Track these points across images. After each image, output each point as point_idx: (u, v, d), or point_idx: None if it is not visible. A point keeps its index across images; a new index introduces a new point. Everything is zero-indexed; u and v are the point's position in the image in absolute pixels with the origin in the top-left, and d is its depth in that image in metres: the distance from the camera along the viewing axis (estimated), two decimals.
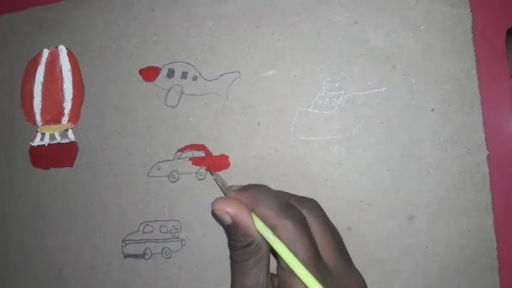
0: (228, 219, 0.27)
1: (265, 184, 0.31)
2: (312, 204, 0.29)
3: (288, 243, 0.25)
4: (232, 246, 0.28)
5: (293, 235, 0.25)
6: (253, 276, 0.27)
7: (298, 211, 0.27)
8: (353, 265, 0.30)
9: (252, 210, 0.27)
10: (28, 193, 0.41)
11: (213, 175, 0.33)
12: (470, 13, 0.33)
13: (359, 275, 0.30)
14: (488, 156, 0.33)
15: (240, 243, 0.27)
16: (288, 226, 0.26)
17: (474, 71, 0.33)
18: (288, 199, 0.28)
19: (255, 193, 0.27)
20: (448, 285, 0.33)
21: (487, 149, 0.33)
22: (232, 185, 0.29)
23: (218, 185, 0.32)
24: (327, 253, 0.27)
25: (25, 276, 0.41)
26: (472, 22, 0.33)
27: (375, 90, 0.34)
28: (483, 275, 0.33)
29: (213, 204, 0.27)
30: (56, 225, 0.40)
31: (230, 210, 0.27)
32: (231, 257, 0.28)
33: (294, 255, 0.25)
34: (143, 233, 0.38)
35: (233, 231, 0.27)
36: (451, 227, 0.33)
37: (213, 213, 0.28)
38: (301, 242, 0.25)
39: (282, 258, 0.26)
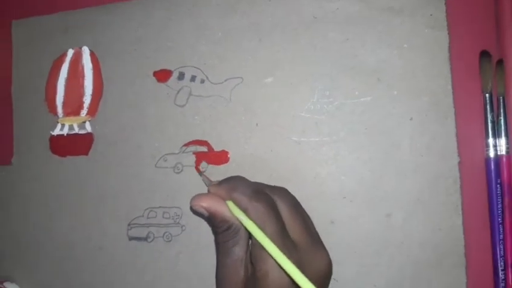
0: (204, 212, 0.31)
1: (260, 179, 0.35)
2: (283, 192, 0.33)
3: (257, 222, 0.29)
4: (214, 232, 0.31)
5: (262, 214, 0.29)
6: (233, 254, 0.30)
7: (268, 196, 0.31)
8: (321, 244, 0.33)
9: (229, 197, 0.31)
10: (46, 177, 0.45)
11: (200, 176, 0.36)
12: (448, 35, 0.37)
13: (325, 252, 0.32)
14: (459, 163, 0.36)
15: (220, 229, 0.31)
16: (258, 208, 0.29)
17: (449, 87, 0.36)
18: (260, 187, 0.32)
19: (231, 183, 0.31)
20: (421, 279, 0.36)
21: (459, 156, 0.36)
22: (214, 181, 0.33)
23: (205, 183, 0.35)
24: (294, 231, 0.31)
25: (38, 253, 0.45)
26: (449, 43, 0.37)
27: (362, 99, 0.38)
28: (452, 271, 0.36)
29: (190, 201, 0.31)
30: (68, 208, 0.44)
31: (204, 204, 0.30)
32: (215, 240, 0.31)
33: (262, 231, 0.29)
34: (148, 218, 0.41)
35: (212, 220, 0.31)
36: (424, 225, 0.36)
37: (192, 209, 0.31)
38: (269, 220, 0.29)
39: (253, 235, 0.29)
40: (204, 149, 0.41)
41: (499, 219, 0.36)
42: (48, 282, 0.44)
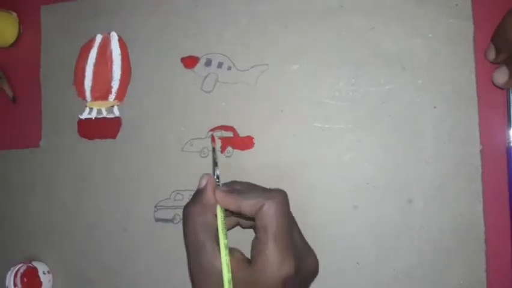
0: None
1: (284, 165, 0.37)
2: (284, 194, 0.34)
3: (270, 219, 0.31)
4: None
5: (277, 212, 0.31)
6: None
7: (282, 194, 0.33)
8: (310, 247, 0.36)
9: (239, 205, 0.33)
10: (73, 159, 0.46)
11: (213, 146, 0.38)
12: (472, 26, 0.37)
13: (314, 254, 0.36)
14: (481, 151, 0.37)
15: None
16: (272, 207, 0.31)
17: (473, 76, 0.37)
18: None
19: (237, 192, 0.34)
20: (440, 263, 0.37)
21: (480, 144, 0.37)
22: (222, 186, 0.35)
23: (213, 156, 0.37)
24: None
25: (65, 233, 0.46)
26: (474, 33, 0.37)
27: (386, 87, 0.39)
28: (471, 256, 0.36)
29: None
30: (94, 189, 0.45)
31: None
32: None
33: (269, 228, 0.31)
34: (174, 200, 0.43)
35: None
36: (444, 211, 0.37)
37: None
38: (283, 217, 0.32)
39: (258, 232, 0.31)
40: (230, 134, 0.42)
41: None
42: (74, 261, 0.46)
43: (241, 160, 0.41)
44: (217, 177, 0.36)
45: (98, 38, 0.46)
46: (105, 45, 0.46)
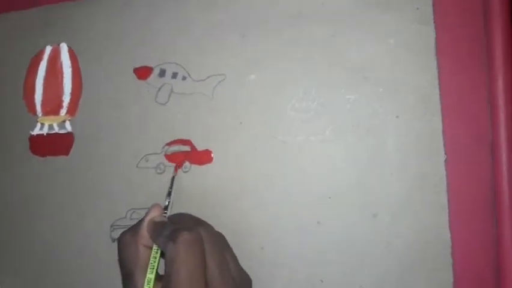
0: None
1: (245, 180, 0.36)
2: (208, 229, 0.32)
3: (172, 264, 0.29)
4: None
5: (177, 256, 0.29)
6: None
7: (192, 234, 0.30)
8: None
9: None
10: (26, 178, 0.44)
11: (174, 175, 0.37)
12: (434, 30, 0.36)
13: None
14: (445, 161, 0.35)
15: None
16: (174, 249, 0.29)
17: (436, 83, 0.35)
18: (188, 223, 0.32)
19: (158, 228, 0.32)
20: (407, 279, 0.36)
21: (445, 154, 0.35)
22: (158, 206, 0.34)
23: (171, 182, 0.36)
24: (208, 271, 0.30)
25: (20, 255, 0.44)
26: (436, 38, 0.36)
27: (347, 97, 0.37)
28: (439, 270, 0.35)
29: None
30: (49, 209, 0.43)
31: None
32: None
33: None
34: (131, 219, 0.41)
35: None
36: (410, 225, 0.36)
37: None
38: (183, 261, 0.28)
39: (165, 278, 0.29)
40: (187, 148, 0.40)
41: None
42: (30, 283, 0.44)
43: (199, 175, 0.39)
44: (165, 208, 0.34)
45: (48, 49, 0.44)
46: (55, 57, 0.43)
